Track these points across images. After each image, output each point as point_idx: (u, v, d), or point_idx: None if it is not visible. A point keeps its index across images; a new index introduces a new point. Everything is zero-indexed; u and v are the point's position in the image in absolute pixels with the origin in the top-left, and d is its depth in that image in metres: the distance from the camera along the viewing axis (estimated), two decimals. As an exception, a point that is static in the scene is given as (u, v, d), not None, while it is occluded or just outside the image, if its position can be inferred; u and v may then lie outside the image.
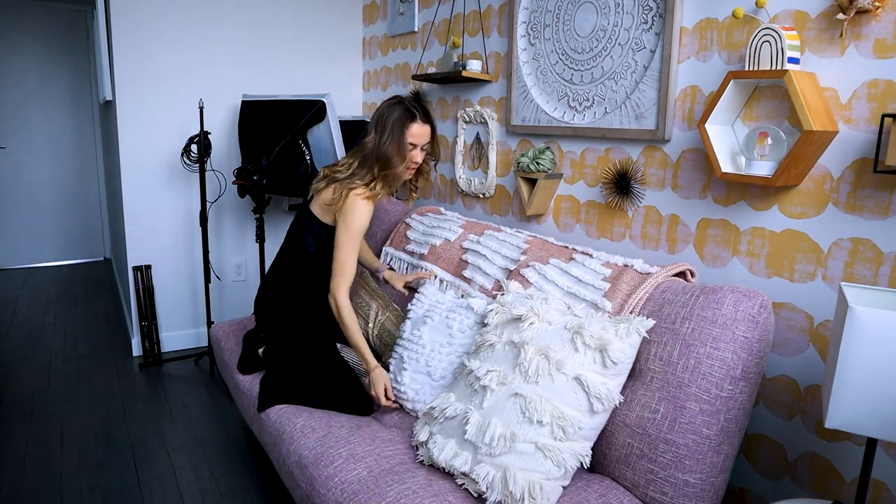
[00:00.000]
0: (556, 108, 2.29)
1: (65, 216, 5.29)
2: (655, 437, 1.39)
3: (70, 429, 2.53)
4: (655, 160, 1.96)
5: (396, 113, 1.89)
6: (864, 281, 1.48)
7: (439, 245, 2.23)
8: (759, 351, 1.38)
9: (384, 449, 1.60)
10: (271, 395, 1.92)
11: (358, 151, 1.95)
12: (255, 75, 3.36)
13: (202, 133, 2.93)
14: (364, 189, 1.90)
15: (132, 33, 3.02)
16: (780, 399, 1.67)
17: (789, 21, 1.58)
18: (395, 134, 1.88)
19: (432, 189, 3.12)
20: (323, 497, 1.47)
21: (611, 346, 1.42)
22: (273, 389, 1.94)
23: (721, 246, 1.79)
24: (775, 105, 1.62)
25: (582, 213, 2.25)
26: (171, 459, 2.32)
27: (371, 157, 1.90)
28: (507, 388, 1.48)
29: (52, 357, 3.27)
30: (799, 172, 1.55)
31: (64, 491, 2.11)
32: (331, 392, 1.90)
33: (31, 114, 5.02)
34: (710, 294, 1.44)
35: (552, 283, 1.78)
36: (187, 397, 2.84)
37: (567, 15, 2.21)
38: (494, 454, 1.40)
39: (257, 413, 1.93)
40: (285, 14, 3.41)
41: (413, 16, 3.12)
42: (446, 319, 1.89)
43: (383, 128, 1.89)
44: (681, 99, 1.86)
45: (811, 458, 1.61)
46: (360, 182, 1.90)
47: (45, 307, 4.12)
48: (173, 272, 3.32)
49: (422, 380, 1.84)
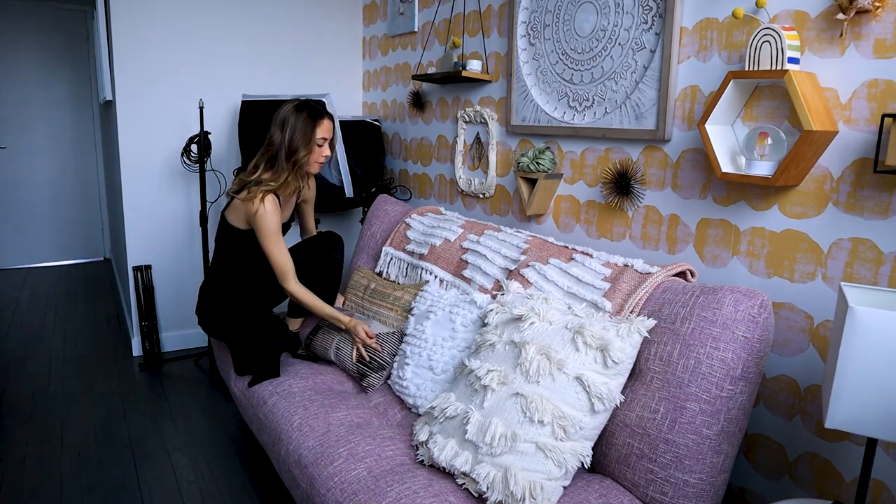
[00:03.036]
0: (556, 108, 2.29)
1: (65, 216, 5.29)
2: (655, 437, 1.39)
3: (70, 429, 2.53)
4: (655, 160, 1.96)
5: (305, 112, 2.07)
6: (864, 281, 1.48)
7: (439, 245, 2.24)
8: (759, 351, 1.38)
9: (384, 448, 1.60)
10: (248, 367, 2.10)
11: (265, 153, 2.09)
12: (255, 75, 3.36)
13: (202, 133, 2.93)
14: (264, 192, 2.03)
15: (132, 33, 3.02)
16: (780, 399, 1.67)
17: (789, 21, 1.58)
18: (304, 129, 2.05)
19: (432, 189, 3.12)
20: (323, 497, 1.47)
21: (612, 346, 1.42)
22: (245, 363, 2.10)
23: (721, 246, 1.79)
24: (775, 105, 1.62)
25: (582, 213, 2.25)
26: (170, 459, 2.32)
27: (281, 154, 2.05)
28: (507, 387, 1.48)
29: (52, 357, 3.27)
30: (799, 172, 1.55)
31: (64, 491, 2.11)
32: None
33: (31, 114, 5.02)
34: (710, 294, 1.44)
35: (552, 283, 1.78)
36: (187, 397, 2.84)
37: (567, 15, 2.21)
38: (495, 454, 1.40)
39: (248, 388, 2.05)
40: (285, 14, 3.41)
41: (413, 16, 3.12)
42: (449, 314, 1.91)
43: (293, 126, 2.05)
44: (681, 99, 1.86)
45: (811, 458, 1.61)
46: (268, 185, 2.05)
47: (45, 307, 4.12)
48: (173, 272, 3.32)
49: (424, 374, 1.85)
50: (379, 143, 3.39)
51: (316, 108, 2.10)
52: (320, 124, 2.08)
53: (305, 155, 2.08)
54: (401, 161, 3.40)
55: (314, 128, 2.07)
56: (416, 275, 2.26)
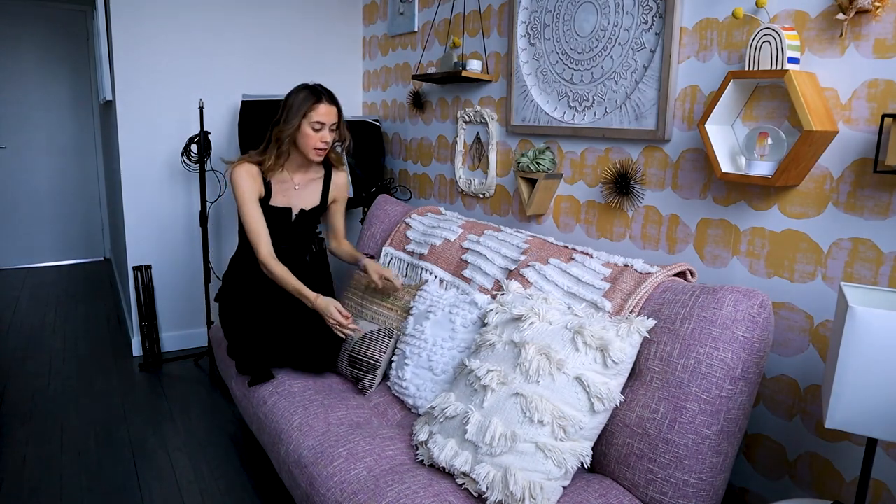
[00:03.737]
0: (556, 108, 2.29)
1: (65, 216, 5.29)
2: (655, 437, 1.39)
3: (70, 429, 2.53)
4: (655, 160, 1.96)
5: (302, 94, 2.04)
6: (864, 281, 1.48)
7: (439, 245, 2.24)
8: (759, 351, 1.38)
9: (384, 448, 1.60)
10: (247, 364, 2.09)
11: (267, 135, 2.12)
12: (255, 75, 3.36)
13: (202, 133, 2.93)
14: (240, 161, 2.09)
15: (132, 33, 3.02)
16: (780, 399, 1.67)
17: (789, 21, 1.58)
18: (297, 106, 2.02)
19: (432, 189, 3.12)
20: (323, 497, 1.47)
21: (612, 346, 1.42)
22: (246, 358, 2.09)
23: (721, 246, 1.79)
24: (775, 105, 1.62)
25: (582, 213, 2.25)
26: (170, 459, 2.32)
27: (270, 132, 2.08)
28: (507, 387, 1.48)
29: (52, 357, 3.27)
30: (799, 172, 1.55)
31: (64, 491, 2.11)
32: (292, 349, 2.06)
33: (31, 114, 5.02)
34: (710, 294, 1.44)
35: (552, 283, 1.78)
36: (187, 397, 2.84)
37: (567, 15, 2.21)
38: (495, 454, 1.40)
39: (248, 388, 2.05)
40: (285, 14, 3.41)
41: (413, 16, 3.12)
42: (449, 315, 1.90)
43: (288, 108, 2.04)
44: (681, 99, 1.86)
45: (811, 458, 1.61)
46: (249, 156, 2.09)
47: (45, 307, 4.12)
48: (173, 272, 3.32)
49: (423, 374, 1.85)
50: (379, 143, 3.39)
51: (317, 89, 2.06)
52: (317, 107, 2.01)
53: (291, 131, 2.02)
54: (401, 161, 3.40)
55: (309, 108, 2.01)
56: (417, 275, 2.26)
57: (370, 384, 2.00)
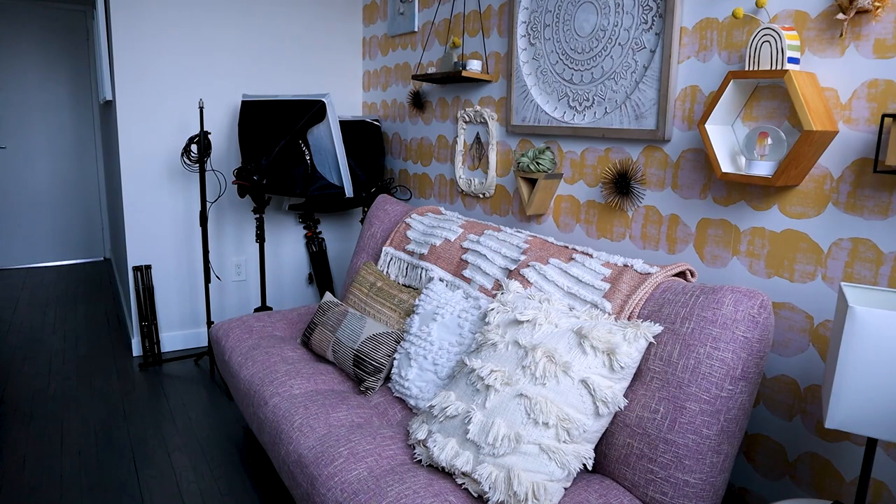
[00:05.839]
0: (556, 108, 2.29)
1: (65, 216, 5.29)
2: (655, 438, 1.39)
3: (70, 429, 2.52)
4: (655, 160, 1.96)
5: None
6: (864, 281, 1.48)
7: (439, 245, 2.24)
8: (759, 351, 1.38)
9: (385, 448, 1.60)
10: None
11: None
12: (255, 75, 3.36)
13: (202, 133, 2.93)
14: None
15: (132, 33, 3.02)
16: (780, 399, 1.67)
17: (789, 21, 1.58)
18: None
19: (432, 189, 3.12)
20: (323, 497, 1.47)
21: (619, 350, 1.42)
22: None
23: (721, 246, 1.79)
24: (775, 105, 1.62)
25: (582, 213, 2.25)
26: (171, 459, 2.32)
27: None
28: (511, 388, 1.48)
29: (52, 357, 3.27)
30: (799, 172, 1.55)
31: (64, 491, 2.11)
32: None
33: (31, 114, 5.02)
34: (710, 294, 1.45)
35: (552, 284, 1.78)
36: (187, 397, 2.84)
37: (567, 15, 2.21)
38: (498, 455, 1.40)
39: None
40: (285, 14, 3.41)
41: (413, 16, 3.12)
42: (458, 319, 1.89)
43: None
44: (681, 99, 1.86)
45: (811, 458, 1.61)
46: None
47: (45, 307, 4.12)
48: (173, 272, 3.32)
49: (428, 377, 1.84)
50: (379, 143, 3.39)
51: None
52: None
53: None
54: (401, 161, 3.40)
55: None
56: (417, 275, 2.26)
57: (372, 386, 2.00)
